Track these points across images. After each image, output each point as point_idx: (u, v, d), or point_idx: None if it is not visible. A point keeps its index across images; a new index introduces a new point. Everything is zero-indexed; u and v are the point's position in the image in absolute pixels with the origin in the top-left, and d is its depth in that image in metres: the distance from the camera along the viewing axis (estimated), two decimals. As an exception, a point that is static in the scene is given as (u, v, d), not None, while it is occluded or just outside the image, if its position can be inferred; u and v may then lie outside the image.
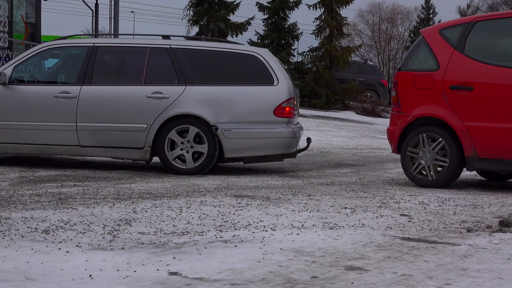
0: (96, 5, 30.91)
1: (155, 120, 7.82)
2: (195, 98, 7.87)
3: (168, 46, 8.15)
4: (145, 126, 7.84)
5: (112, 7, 23.49)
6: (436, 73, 7.20)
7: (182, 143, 7.84)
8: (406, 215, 5.18)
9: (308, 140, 8.89)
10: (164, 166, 7.98)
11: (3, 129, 8.09)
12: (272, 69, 7.95)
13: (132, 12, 71.03)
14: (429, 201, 6.04)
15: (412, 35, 54.12)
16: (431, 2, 54.72)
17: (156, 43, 8.31)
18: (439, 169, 7.19)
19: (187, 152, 7.84)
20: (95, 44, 8.24)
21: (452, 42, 7.22)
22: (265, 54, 8.12)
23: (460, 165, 7.12)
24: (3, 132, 8.09)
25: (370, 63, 30.74)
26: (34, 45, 22.04)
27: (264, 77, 7.94)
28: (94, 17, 30.24)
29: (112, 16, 23.61)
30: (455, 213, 5.40)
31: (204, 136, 7.79)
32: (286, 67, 9.07)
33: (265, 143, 7.89)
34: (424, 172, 7.26)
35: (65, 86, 8.13)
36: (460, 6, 57.56)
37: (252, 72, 8.05)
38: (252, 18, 27.61)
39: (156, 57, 8.15)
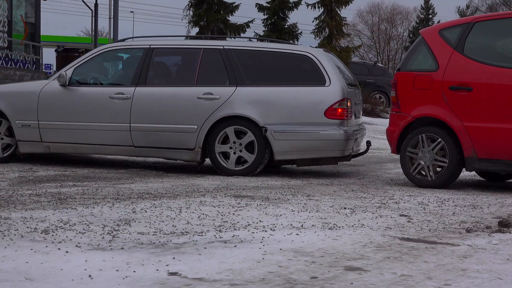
0: (96, 5, 30.91)
1: (205, 121, 7.83)
2: (245, 99, 7.83)
3: (221, 47, 8.16)
4: (196, 127, 7.86)
5: (112, 7, 23.50)
6: (435, 73, 7.20)
7: (230, 148, 7.83)
8: (405, 216, 5.18)
9: (368, 143, 8.58)
10: (210, 159, 7.95)
11: (63, 129, 8.30)
12: (325, 69, 7.77)
13: (132, 12, 70.92)
14: (429, 202, 6.05)
15: (411, 35, 54.15)
16: (430, 2, 54.74)
17: (210, 44, 8.38)
18: (438, 169, 7.19)
19: (240, 151, 7.82)
20: (151, 46, 8.33)
21: (452, 42, 7.22)
22: (318, 54, 7.94)
23: (460, 166, 7.12)
24: (63, 133, 8.30)
25: (379, 64, 30.69)
26: (33, 45, 22.08)
27: (316, 78, 7.79)
28: (93, 17, 30.24)
29: (112, 16, 23.62)
30: (454, 213, 5.41)
31: (256, 139, 7.74)
32: (345, 67, 8.80)
33: (316, 145, 7.71)
34: (424, 173, 7.26)
35: (121, 87, 8.24)
36: (460, 7, 57.60)
37: (303, 73, 7.95)
38: (252, 21, 27.65)
39: (209, 58, 8.15)
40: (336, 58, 8.80)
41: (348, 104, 7.81)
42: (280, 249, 3.82)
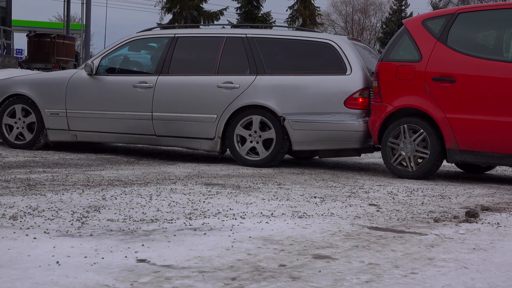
0: (68, -10, 30.57)
1: (225, 110, 7.80)
2: (264, 88, 7.75)
3: (244, 35, 8.10)
4: (215, 116, 7.84)
5: (84, -8, 23.27)
6: (418, 64, 7.21)
7: (250, 135, 7.77)
8: (374, 205, 5.22)
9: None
10: (228, 145, 7.89)
11: (88, 118, 8.42)
12: (346, 57, 7.59)
13: (105, -3, 70.23)
14: (398, 191, 6.10)
15: (384, 26, 54.33)
16: (403, -7, 54.94)
17: (233, 32, 8.34)
18: (419, 160, 7.20)
19: (257, 142, 7.75)
20: (176, 35, 8.37)
21: (435, 33, 7.23)
22: (340, 42, 7.77)
23: (441, 157, 7.13)
24: (89, 121, 8.42)
25: None
26: (4, 30, 21.81)
27: (337, 66, 7.63)
28: (65, 2, 29.91)
29: (84, 2, 23.38)
30: (423, 203, 5.46)
31: (270, 122, 7.65)
32: (375, 56, 8.57)
33: (334, 136, 7.52)
34: (405, 163, 7.26)
35: (144, 76, 8.30)
36: (433, -2, 57.87)
37: (324, 61, 7.78)
38: (225, 9, 27.57)
39: (232, 47, 8.09)
40: (366, 46, 8.68)
41: (370, 94, 7.65)
42: (250, 237, 3.83)
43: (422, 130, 7.13)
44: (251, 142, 7.77)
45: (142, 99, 8.14)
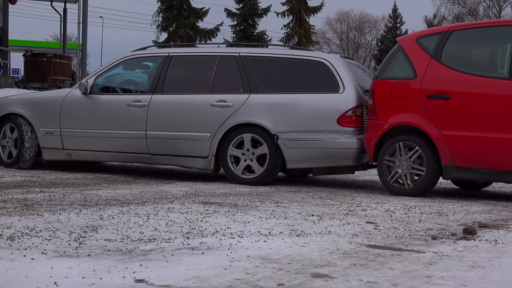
0: (65, 9, 30.66)
1: (218, 129, 7.83)
2: (258, 106, 7.77)
3: (237, 54, 8.14)
4: (209, 135, 7.86)
5: (81, 12, 23.34)
6: (413, 81, 7.24)
7: (243, 154, 7.78)
8: (372, 223, 5.22)
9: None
10: (221, 163, 7.90)
11: (83, 137, 8.46)
12: (339, 76, 7.61)
13: (101, 17, 70.44)
14: (395, 209, 6.10)
15: (379, 43, 54.55)
16: (398, 11, 55.21)
17: (226, 51, 8.39)
18: (415, 177, 7.21)
19: (251, 160, 7.76)
20: (170, 54, 8.44)
21: (429, 50, 7.26)
22: (333, 60, 7.79)
23: (437, 174, 7.14)
24: (83, 140, 8.46)
25: None
26: (1, 50, 21.83)
27: (329, 84, 7.63)
28: (62, 22, 29.99)
29: (81, 21, 23.45)
30: (420, 220, 5.46)
31: (261, 138, 7.68)
32: (369, 74, 8.64)
33: (328, 153, 7.53)
34: (401, 181, 7.26)
35: (138, 95, 8.38)
36: (427, 16, 58.27)
37: (317, 79, 7.80)
38: (221, 24, 27.65)
39: (225, 65, 8.12)
40: (359, 64, 8.73)
41: (365, 111, 7.66)
42: (248, 256, 3.83)
43: (417, 148, 7.14)
44: (245, 160, 7.77)
45: (136, 117, 8.17)
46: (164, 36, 27.86)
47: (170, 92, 8.20)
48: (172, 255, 3.79)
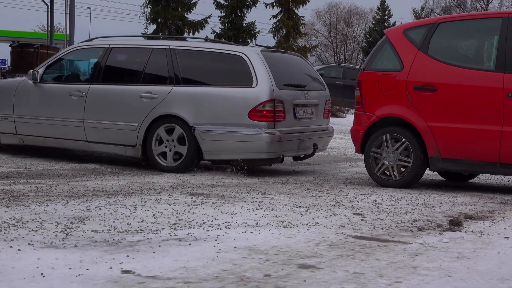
0: (52, 0, 30.52)
1: (144, 119, 8.05)
2: (179, 98, 7.96)
3: (168, 47, 8.33)
4: (136, 125, 8.10)
5: (68, 2, 23.20)
6: (400, 73, 7.26)
7: (167, 140, 7.95)
8: (359, 214, 5.24)
9: (314, 146, 8.36)
10: (150, 161, 8.12)
11: (33, 123, 8.89)
12: (254, 70, 7.71)
13: (89, 8, 69.99)
14: (382, 200, 6.13)
15: (367, 35, 54.59)
16: (386, 3, 55.21)
17: (158, 44, 8.68)
18: (402, 169, 7.24)
19: (170, 150, 7.95)
20: (110, 46, 8.72)
21: (416, 42, 7.28)
22: (251, 54, 7.87)
23: (424, 166, 7.17)
24: (33, 126, 8.90)
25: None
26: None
27: (244, 78, 7.77)
28: (49, 13, 29.82)
29: (68, 12, 23.32)
30: (407, 212, 5.49)
31: (186, 138, 7.84)
32: (302, 67, 8.78)
33: (240, 146, 7.70)
34: (388, 173, 7.28)
35: (79, 85, 8.75)
36: (415, 8, 58.22)
37: (234, 73, 7.96)
38: (209, 17, 27.56)
39: (156, 58, 8.34)
40: (296, 58, 8.83)
41: (278, 105, 7.74)
42: (235, 247, 3.84)
43: (404, 139, 7.17)
44: (165, 147, 7.99)
45: (75, 106, 8.55)
46: (152, 27, 27.75)
47: (107, 83, 8.55)
48: (159, 246, 3.80)
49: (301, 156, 8.49)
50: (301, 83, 8.42)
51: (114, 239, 3.93)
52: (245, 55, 7.87)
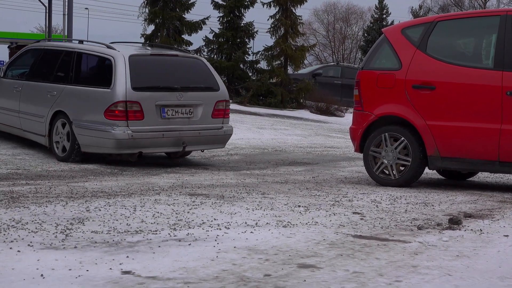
0: (50, 1, 30.49)
1: (47, 114, 9.12)
2: (67, 96, 8.95)
3: (72, 50, 9.39)
4: (44, 117, 9.17)
5: (66, 3, 23.18)
6: (398, 72, 7.25)
7: (61, 133, 8.90)
8: (358, 213, 5.24)
9: (183, 144, 8.65)
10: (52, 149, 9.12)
11: None
12: (115, 73, 8.38)
13: (87, 9, 69.92)
14: (381, 199, 6.13)
15: (366, 34, 54.57)
16: (384, 2, 55.15)
17: (69, 46, 9.79)
18: (401, 168, 7.23)
19: (60, 143, 8.91)
20: (44, 47, 10.15)
21: (415, 41, 7.27)
22: (118, 58, 8.51)
23: (423, 164, 7.16)
24: None
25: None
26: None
27: (107, 80, 8.48)
28: (47, 14, 29.80)
29: (66, 13, 23.29)
30: (406, 211, 5.49)
31: (71, 131, 8.69)
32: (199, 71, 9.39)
33: (100, 142, 8.44)
34: (387, 171, 7.28)
35: (19, 81, 10.09)
36: (413, 7, 58.17)
37: (102, 74, 8.82)
38: (207, 18, 27.54)
39: (65, 59, 9.40)
40: (180, 59, 9.51)
41: (134, 106, 8.33)
42: (234, 247, 3.84)
43: (403, 138, 7.16)
44: (60, 138, 8.92)
45: (15, 99, 9.86)
46: (151, 28, 27.73)
47: (34, 80, 9.78)
48: (159, 246, 3.80)
49: (173, 152, 9.14)
50: (175, 85, 8.86)
51: (113, 240, 3.93)
52: (113, 58, 8.57)
